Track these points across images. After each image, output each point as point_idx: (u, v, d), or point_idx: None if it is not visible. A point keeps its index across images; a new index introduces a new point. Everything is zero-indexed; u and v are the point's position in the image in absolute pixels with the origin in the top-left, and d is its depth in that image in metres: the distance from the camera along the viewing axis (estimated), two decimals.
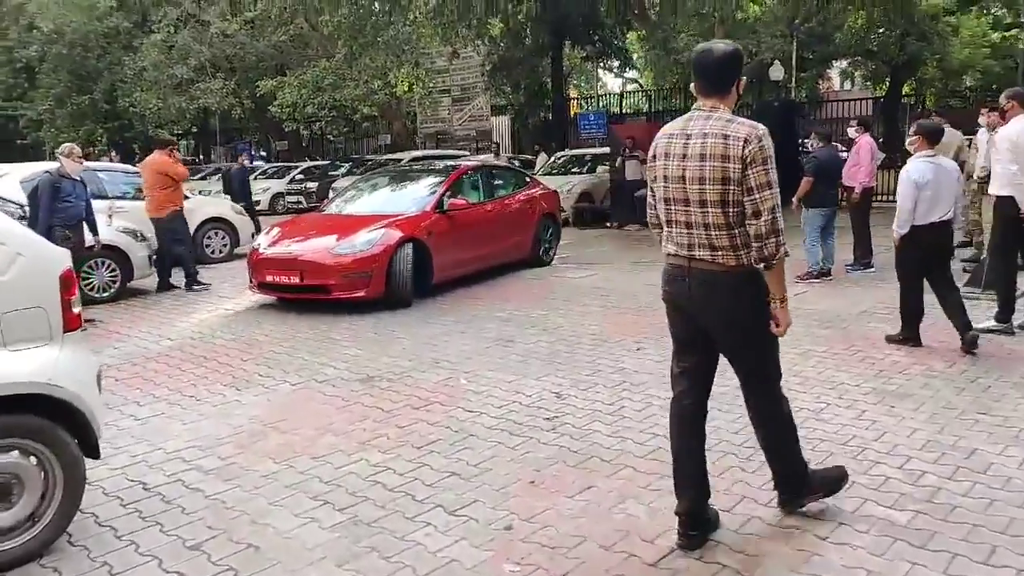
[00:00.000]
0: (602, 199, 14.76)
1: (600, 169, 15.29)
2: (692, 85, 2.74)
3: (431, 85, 20.50)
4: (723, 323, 2.73)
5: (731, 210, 2.59)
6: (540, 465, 3.53)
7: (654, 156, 2.78)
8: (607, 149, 15.25)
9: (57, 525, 2.76)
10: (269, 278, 7.31)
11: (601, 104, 27.98)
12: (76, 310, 2.83)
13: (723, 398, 4.31)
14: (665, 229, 2.80)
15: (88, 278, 7.56)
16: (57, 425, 2.72)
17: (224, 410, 4.40)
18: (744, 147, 2.53)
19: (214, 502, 3.21)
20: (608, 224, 13.72)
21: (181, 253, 8.47)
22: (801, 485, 2.97)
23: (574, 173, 15.52)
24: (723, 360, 2.90)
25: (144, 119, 22.31)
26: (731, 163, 2.55)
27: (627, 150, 13.50)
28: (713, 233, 2.62)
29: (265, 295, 7.60)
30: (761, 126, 2.60)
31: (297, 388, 4.80)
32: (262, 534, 2.94)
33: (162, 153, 8.57)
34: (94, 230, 6.78)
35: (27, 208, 6.73)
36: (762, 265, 2.60)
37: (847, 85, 32.79)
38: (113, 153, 33.15)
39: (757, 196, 2.55)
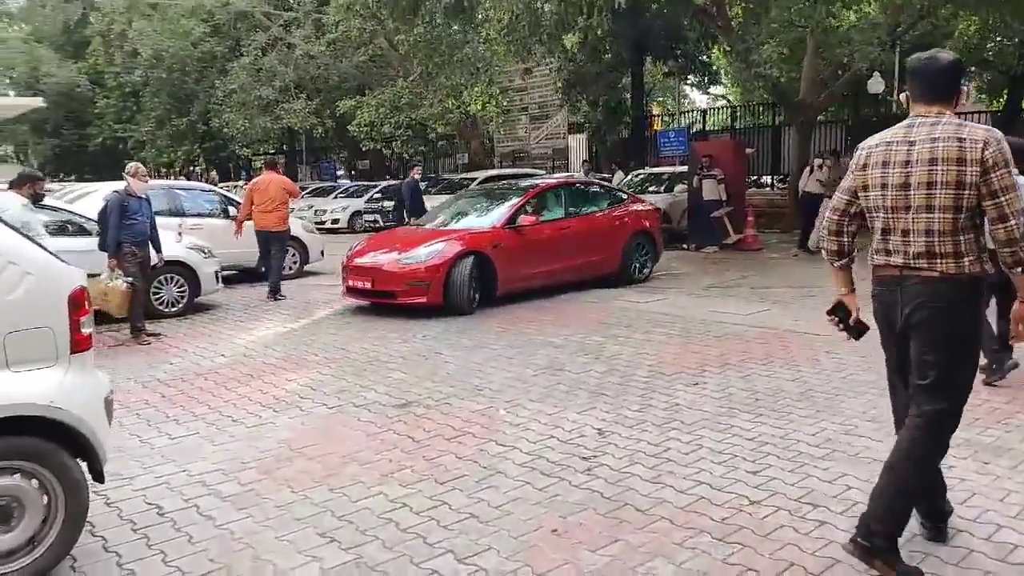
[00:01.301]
0: (679, 219, 14.28)
1: (678, 188, 14.83)
2: (906, 94, 2.72)
3: (507, 103, 20.54)
4: (932, 334, 2.59)
5: (962, 215, 2.53)
6: (567, 511, 3.26)
7: (864, 165, 2.72)
8: (686, 168, 14.81)
9: (58, 550, 2.70)
10: (351, 283, 8.15)
11: (684, 121, 27.34)
12: (86, 331, 2.79)
13: (784, 441, 3.95)
14: (876, 237, 2.72)
15: (157, 293, 7.82)
16: (60, 448, 2.67)
17: (257, 432, 4.33)
18: (984, 150, 2.48)
19: (222, 532, 3.10)
20: (685, 246, 13.21)
21: (281, 265, 9.42)
22: (889, 545, 2.59)
23: (651, 192, 15.10)
24: (773, 393, 2.57)
25: (234, 139, 23.41)
26: (968, 167, 2.49)
27: (704, 168, 13.01)
28: (936, 240, 2.56)
29: (353, 299, 8.33)
30: (996, 129, 2.56)
31: (333, 412, 4.70)
32: (260, 572, 2.80)
33: (274, 171, 9.61)
34: (157, 248, 6.99)
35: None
36: (1019, 270, 2.52)
37: (961, 99, 30.66)
38: (214, 173, 35.10)
39: (1003, 199, 2.48)
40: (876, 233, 2.73)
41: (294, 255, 10.93)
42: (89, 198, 8.82)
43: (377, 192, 21.35)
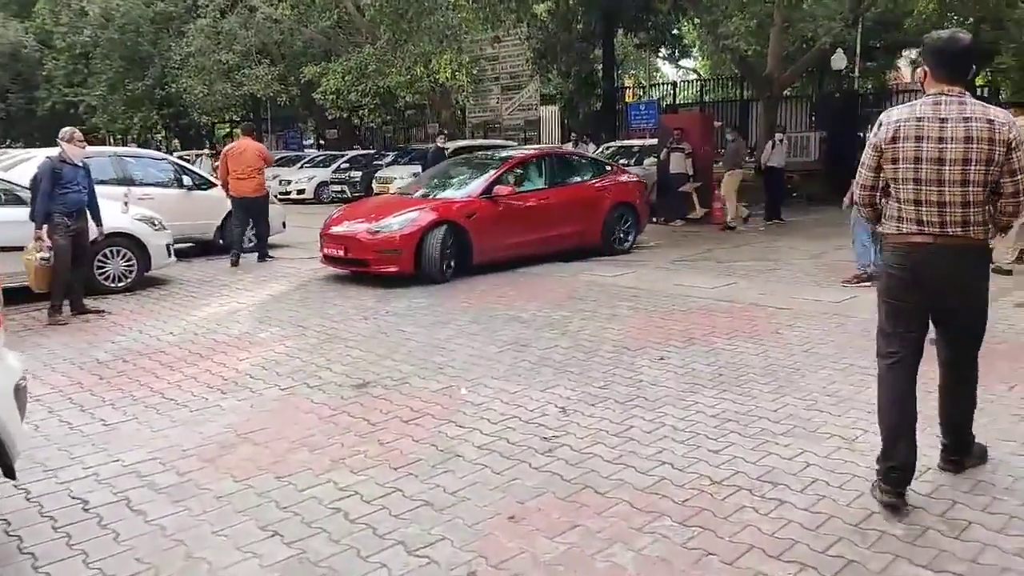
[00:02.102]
0: (649, 192, 14.14)
1: (648, 161, 14.69)
2: (923, 70, 2.93)
3: (477, 72, 20.06)
4: (967, 292, 2.96)
5: (987, 189, 2.81)
6: (525, 496, 3.11)
7: (893, 139, 2.88)
8: (656, 140, 14.64)
9: None
10: (327, 251, 8.21)
11: (655, 94, 27.12)
12: None
13: (746, 418, 3.86)
14: (906, 208, 2.90)
15: (103, 268, 7.44)
16: None
17: (201, 416, 4.10)
18: (1009, 131, 2.75)
19: (154, 528, 2.89)
20: (654, 220, 13.07)
21: (265, 230, 9.64)
22: (967, 453, 3.18)
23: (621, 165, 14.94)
24: (737, 368, 2.42)
25: (193, 106, 22.50)
26: (996, 146, 2.75)
27: (673, 142, 12.86)
28: (971, 211, 2.81)
29: (330, 267, 8.40)
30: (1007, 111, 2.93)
31: (285, 393, 4.48)
32: (192, 572, 2.60)
33: (251, 138, 9.57)
34: (97, 220, 6.53)
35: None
36: (1001, 233, 3.01)
37: (917, 75, 30.92)
38: (176, 141, 33.85)
39: (1020, 176, 2.79)
40: (904, 204, 2.90)
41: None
42: (29, 165, 8.28)
43: (344, 162, 20.85)
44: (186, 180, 10.02)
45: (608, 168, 10.29)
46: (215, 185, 10.49)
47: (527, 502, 3.06)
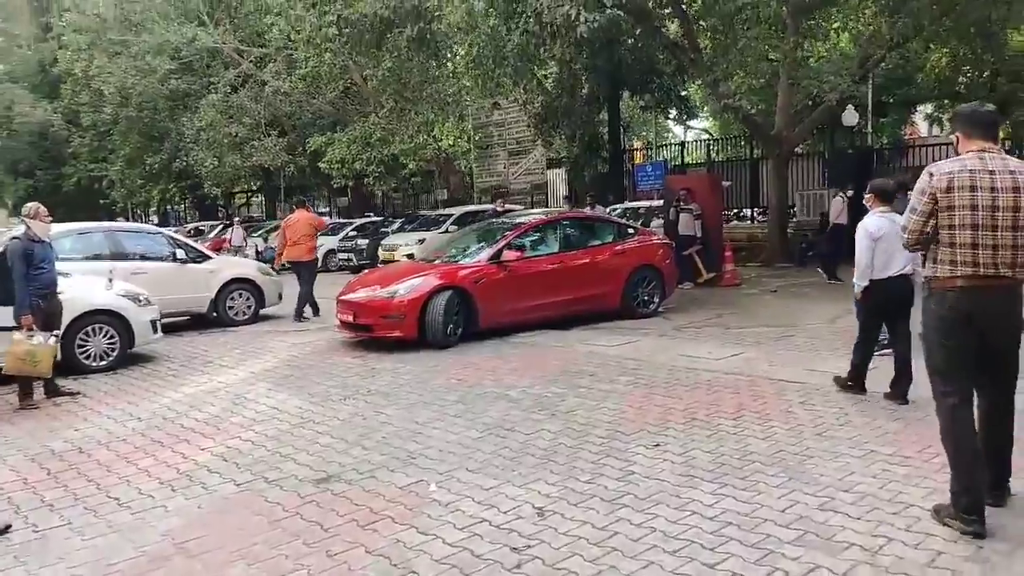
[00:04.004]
0: None
1: (655, 223, 14.42)
2: (956, 136, 3.30)
3: (483, 138, 20.21)
4: (1015, 331, 3.22)
5: None
6: None
7: (948, 189, 3.15)
8: (661, 201, 14.41)
9: None
10: (340, 316, 8.35)
11: (663, 155, 27.09)
12: None
13: (750, 521, 3.36)
14: (962, 251, 3.15)
15: (84, 346, 7.19)
16: None
17: (141, 520, 3.72)
18: None
19: None
20: None
21: (308, 291, 10.40)
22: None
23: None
24: (741, 456, 2.00)
25: (206, 178, 22.89)
26: None
27: (680, 202, 12.60)
28: (1020, 253, 3.11)
29: (344, 333, 8.47)
30: None
31: (240, 490, 4.09)
32: None
33: (305, 210, 10.88)
34: None
35: None
36: None
37: (936, 130, 30.74)
38: (196, 212, 34.43)
39: None
40: (960, 248, 3.16)
41: (248, 299, 10.35)
42: None
43: (352, 230, 20.85)
44: (179, 253, 9.88)
45: (631, 231, 10.03)
46: (210, 258, 10.44)
47: None
